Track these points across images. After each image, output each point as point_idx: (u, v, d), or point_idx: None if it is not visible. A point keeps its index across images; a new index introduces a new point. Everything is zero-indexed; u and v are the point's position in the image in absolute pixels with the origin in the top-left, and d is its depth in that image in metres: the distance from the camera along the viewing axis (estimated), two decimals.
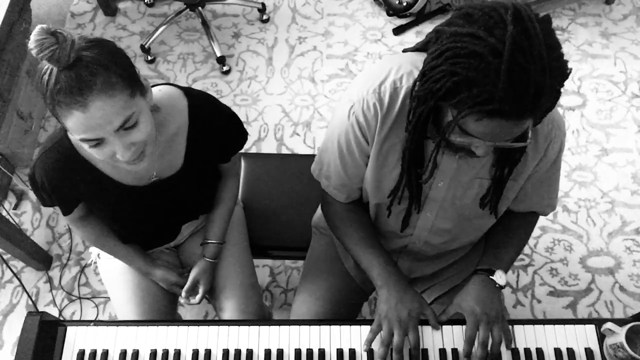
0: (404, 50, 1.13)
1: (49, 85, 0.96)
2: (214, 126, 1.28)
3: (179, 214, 1.44)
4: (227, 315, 1.45)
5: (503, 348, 1.16)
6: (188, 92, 1.25)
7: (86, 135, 1.00)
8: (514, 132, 0.91)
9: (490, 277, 1.20)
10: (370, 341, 1.16)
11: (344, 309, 1.44)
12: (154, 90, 1.23)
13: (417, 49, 1.09)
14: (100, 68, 0.97)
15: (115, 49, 1.02)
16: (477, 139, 0.92)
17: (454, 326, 1.20)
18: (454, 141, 0.95)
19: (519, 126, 0.89)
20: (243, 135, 1.39)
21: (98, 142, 1.03)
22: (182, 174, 1.29)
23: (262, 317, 1.50)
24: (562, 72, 0.86)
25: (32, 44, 0.93)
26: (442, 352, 1.18)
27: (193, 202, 1.42)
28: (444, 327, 1.20)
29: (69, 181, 1.22)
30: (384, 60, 1.15)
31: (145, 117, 1.07)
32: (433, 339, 1.19)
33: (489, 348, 1.13)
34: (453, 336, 1.19)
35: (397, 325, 1.13)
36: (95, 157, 1.18)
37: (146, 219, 1.38)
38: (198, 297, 1.45)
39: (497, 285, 1.20)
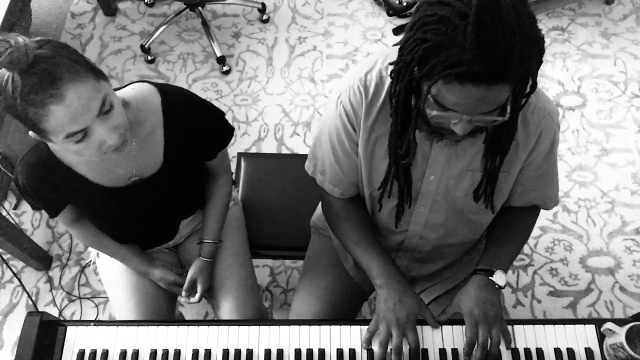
0: (395, 45, 1.14)
1: (15, 91, 0.94)
2: (191, 122, 1.26)
3: (166, 213, 1.43)
4: (225, 315, 1.45)
5: (503, 348, 1.16)
6: (162, 88, 1.24)
7: (71, 128, 0.99)
8: (488, 101, 0.89)
9: (490, 277, 1.20)
10: (368, 340, 1.16)
11: (343, 309, 1.44)
12: (127, 88, 1.23)
13: None
14: (60, 59, 0.96)
15: (64, 43, 1.01)
16: (452, 112, 0.92)
17: (453, 326, 1.20)
18: (431, 116, 0.94)
19: (492, 94, 0.87)
20: (227, 131, 1.38)
21: (84, 135, 1.02)
22: (164, 172, 1.28)
23: (260, 318, 1.50)
24: (533, 39, 0.85)
25: None
26: (442, 352, 1.18)
27: (179, 201, 1.41)
28: (443, 327, 1.20)
29: (49, 185, 1.22)
30: (373, 54, 1.16)
31: (117, 101, 1.07)
32: (433, 339, 1.19)
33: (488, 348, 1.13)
34: (453, 336, 1.19)
35: (395, 327, 1.13)
36: (78, 158, 1.18)
37: (134, 220, 1.37)
38: (197, 295, 1.45)
39: (496, 286, 1.19)
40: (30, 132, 1.05)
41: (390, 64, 1.00)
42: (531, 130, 1.10)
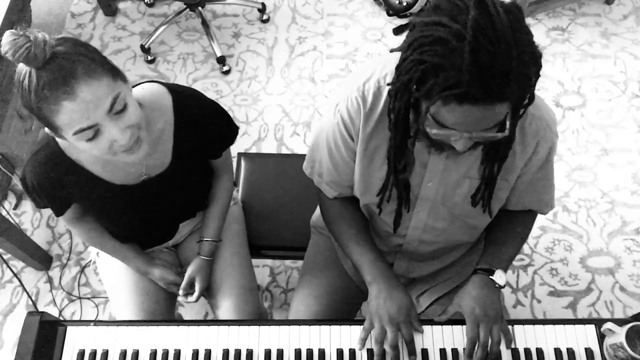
0: (392, 50, 1.14)
1: (31, 86, 0.96)
2: (200, 122, 1.27)
3: (173, 212, 1.43)
4: (223, 314, 1.45)
5: (503, 348, 1.16)
6: (172, 88, 1.25)
7: (82, 125, 1.00)
8: (487, 120, 0.90)
9: (490, 277, 1.20)
10: (363, 340, 1.17)
11: (342, 309, 1.44)
12: (138, 88, 1.23)
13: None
14: (77, 56, 0.98)
15: (83, 42, 1.02)
16: (452, 130, 0.92)
17: (454, 326, 1.20)
18: (432, 134, 0.95)
19: (491, 113, 0.88)
20: (232, 130, 1.39)
21: (94, 133, 1.03)
22: (172, 170, 1.29)
23: (259, 318, 1.50)
24: (531, 56, 0.85)
25: (5, 46, 0.93)
26: (443, 352, 1.18)
27: (186, 199, 1.42)
28: (444, 327, 1.20)
29: (58, 183, 1.22)
30: (371, 61, 1.16)
31: (132, 101, 1.08)
32: (433, 339, 1.19)
33: (488, 348, 1.13)
34: (453, 336, 1.19)
35: (388, 322, 1.14)
36: (89, 156, 1.18)
37: (140, 218, 1.37)
38: (195, 294, 1.45)
39: (496, 285, 1.20)
40: (46, 129, 1.06)
41: (389, 84, 1.00)
42: (528, 140, 1.11)
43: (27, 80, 0.96)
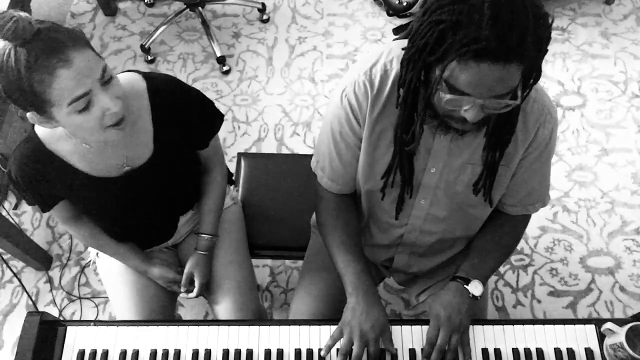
0: (395, 39, 1.15)
1: (19, 62, 0.96)
2: (178, 107, 1.27)
3: (162, 206, 1.42)
4: (222, 314, 1.45)
5: (503, 348, 1.17)
6: (147, 75, 1.26)
7: (77, 92, 1.01)
8: (501, 83, 0.90)
9: (465, 285, 1.20)
10: (329, 347, 1.16)
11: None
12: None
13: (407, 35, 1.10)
14: (62, 29, 1.00)
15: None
16: (465, 95, 0.92)
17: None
18: (444, 101, 0.94)
19: (506, 74, 0.89)
20: (217, 117, 1.38)
21: (87, 103, 1.04)
22: (155, 161, 1.27)
23: (258, 318, 1.50)
24: (544, 19, 0.88)
25: None
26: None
27: (174, 192, 1.40)
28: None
29: (41, 176, 1.22)
30: (375, 49, 1.16)
31: (115, 75, 1.10)
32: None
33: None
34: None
35: (358, 336, 1.13)
36: (69, 146, 1.18)
37: (129, 213, 1.36)
38: (195, 290, 1.45)
39: (470, 295, 1.20)
40: (29, 114, 1.06)
41: (403, 49, 1.00)
42: (530, 125, 1.12)
43: (14, 58, 0.96)
